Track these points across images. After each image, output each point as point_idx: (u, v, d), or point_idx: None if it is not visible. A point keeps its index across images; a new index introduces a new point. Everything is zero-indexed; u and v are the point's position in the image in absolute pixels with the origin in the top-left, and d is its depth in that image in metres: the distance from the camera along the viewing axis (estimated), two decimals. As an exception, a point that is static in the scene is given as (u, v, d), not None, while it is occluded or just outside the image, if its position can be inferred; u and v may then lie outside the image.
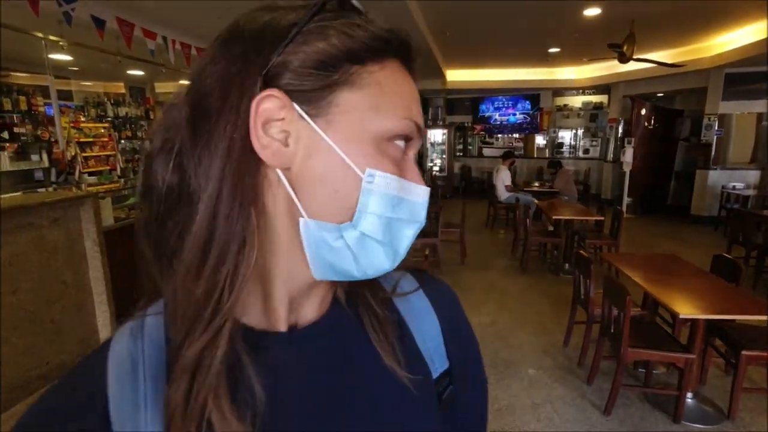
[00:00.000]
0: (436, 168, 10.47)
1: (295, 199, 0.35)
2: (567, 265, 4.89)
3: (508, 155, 6.91)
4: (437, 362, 0.45)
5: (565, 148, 10.69)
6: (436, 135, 10.44)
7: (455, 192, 10.63)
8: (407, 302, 0.46)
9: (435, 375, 0.44)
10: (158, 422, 0.32)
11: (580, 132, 10.47)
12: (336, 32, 0.34)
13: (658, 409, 2.50)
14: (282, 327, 0.38)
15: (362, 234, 0.35)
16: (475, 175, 10.89)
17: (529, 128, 10.71)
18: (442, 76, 9.06)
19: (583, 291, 2.94)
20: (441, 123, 10.66)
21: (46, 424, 0.32)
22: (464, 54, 7.78)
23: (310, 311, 0.40)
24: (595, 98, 10.20)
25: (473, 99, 10.89)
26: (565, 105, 10.56)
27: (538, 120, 10.57)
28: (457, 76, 9.63)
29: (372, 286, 0.43)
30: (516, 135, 10.99)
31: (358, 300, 0.43)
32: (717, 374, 2.83)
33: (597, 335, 2.73)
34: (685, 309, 2.17)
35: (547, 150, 10.71)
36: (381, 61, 0.36)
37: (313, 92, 0.34)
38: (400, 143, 0.37)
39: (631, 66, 6.25)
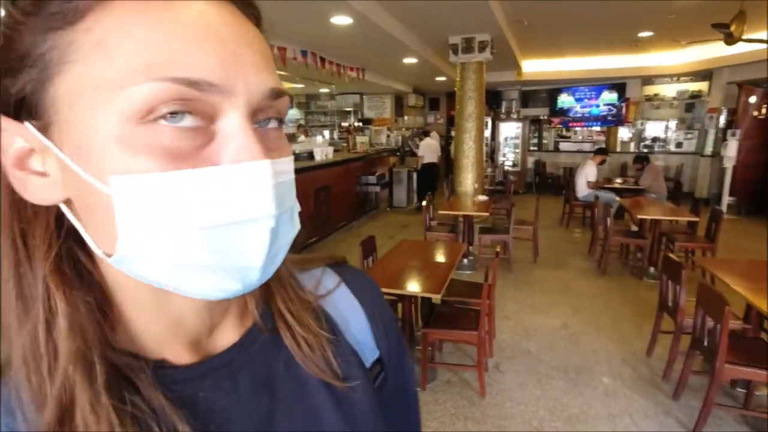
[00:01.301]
0: (508, 163, 10.11)
1: (85, 236, 0.28)
2: (652, 269, 4.48)
3: (600, 151, 6.50)
4: (367, 352, 0.44)
5: (653, 142, 9.78)
6: (509, 129, 10.06)
7: (528, 188, 10.21)
8: (331, 298, 0.43)
9: (368, 365, 0.43)
10: None
11: (672, 124, 9.51)
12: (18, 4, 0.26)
13: (760, 434, 2.22)
14: (198, 356, 0.34)
15: (148, 262, 0.26)
16: (550, 170, 10.35)
17: (615, 120, 9.92)
18: (517, 68, 8.69)
19: (671, 298, 2.68)
20: (515, 116, 10.25)
21: None
22: (542, 43, 7.38)
23: (228, 332, 0.37)
24: (692, 86, 9.19)
25: (550, 90, 10.32)
26: (656, 94, 9.64)
27: (624, 111, 9.76)
28: (533, 66, 9.18)
29: (287, 290, 0.39)
30: (597, 128, 10.25)
31: (274, 313, 0.38)
32: (838, 402, 2.45)
33: (686, 347, 2.48)
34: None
35: (632, 144, 9.88)
36: (104, 6, 0.25)
37: (32, 96, 0.26)
38: (174, 119, 0.25)
39: (738, 48, 5.54)
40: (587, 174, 6.18)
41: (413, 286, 2.42)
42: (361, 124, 10.18)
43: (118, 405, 0.27)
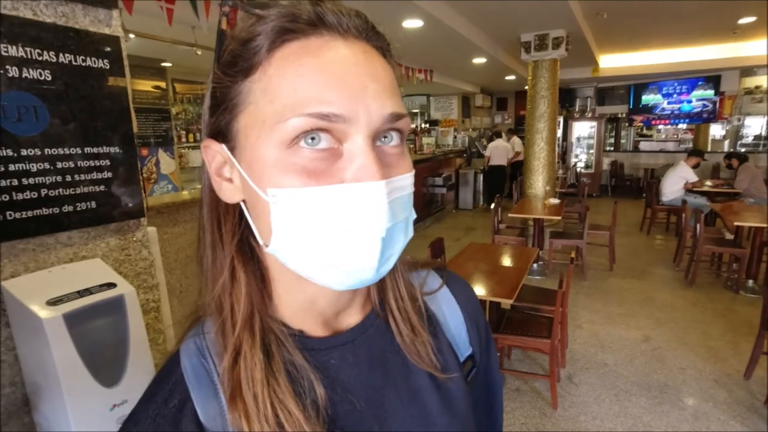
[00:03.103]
0: (581, 164, 9.59)
1: (254, 229, 0.38)
2: (751, 282, 4.04)
3: (695, 153, 5.98)
4: (462, 348, 0.49)
5: (752, 140, 8.78)
6: (583, 128, 9.52)
7: (603, 190, 9.60)
8: (435, 297, 0.50)
9: (461, 359, 0.48)
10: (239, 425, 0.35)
11: (777, 120, 8.48)
12: (219, 62, 0.36)
13: None
14: (327, 331, 0.42)
15: (292, 255, 0.35)
16: (629, 172, 9.66)
17: (708, 117, 9.01)
18: (594, 64, 8.20)
19: (776, 316, 2.41)
20: (589, 115, 9.69)
21: (152, 427, 0.36)
22: (623, 36, 6.91)
23: (352, 316, 0.44)
24: (802, 77, 8.14)
25: (634, 86, 9.61)
26: (757, 87, 8.64)
27: (717, 107, 8.86)
28: (611, 61, 8.61)
29: (399, 286, 0.46)
30: (684, 125, 9.39)
31: (385, 304, 0.45)
32: None
33: (795, 372, 2.22)
34: None
35: (726, 142, 8.94)
36: (269, 58, 0.33)
37: (221, 127, 0.36)
38: (313, 142, 0.32)
39: None
40: (680, 174, 5.69)
41: (482, 291, 2.40)
42: (427, 125, 10.18)
43: (267, 357, 0.37)
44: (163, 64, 5.45)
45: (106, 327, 0.91)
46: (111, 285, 0.95)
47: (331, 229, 0.33)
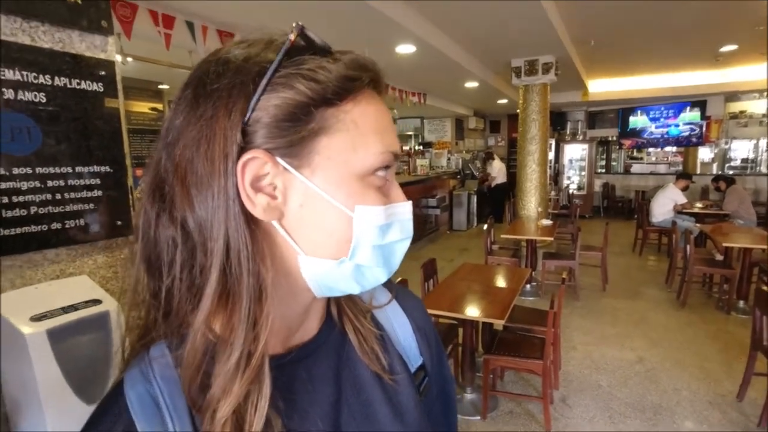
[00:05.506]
0: (573, 186, 9.71)
1: (293, 244, 0.38)
2: (742, 302, 4.07)
3: (683, 176, 6.10)
4: (413, 359, 0.51)
5: (739, 163, 8.96)
6: (574, 151, 9.69)
7: (596, 211, 9.70)
8: (383, 311, 0.52)
9: (412, 369, 0.50)
10: None
11: (762, 143, 8.68)
12: (303, 79, 0.35)
13: None
14: (288, 346, 0.42)
15: (359, 264, 0.39)
16: (620, 193, 9.79)
17: (696, 140, 9.21)
18: (583, 88, 8.42)
19: (766, 336, 2.43)
20: (581, 138, 9.87)
21: None
22: (611, 61, 7.12)
23: (311, 326, 0.45)
24: (786, 102, 8.37)
25: (622, 110, 9.85)
26: (742, 112, 8.89)
27: (704, 131, 9.06)
28: (600, 86, 8.84)
29: (352, 300, 0.48)
30: (673, 149, 9.57)
31: (342, 314, 0.48)
32: None
33: (786, 392, 2.22)
34: None
35: (714, 165, 9.11)
36: (354, 97, 0.37)
37: (293, 144, 0.35)
38: (382, 173, 0.39)
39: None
40: (669, 196, 5.77)
41: (475, 311, 2.40)
42: (421, 147, 10.30)
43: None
44: (161, 87, 5.54)
45: (90, 343, 0.91)
46: (96, 301, 0.95)
47: (390, 239, 0.40)
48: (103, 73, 1.10)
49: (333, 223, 0.37)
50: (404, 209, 0.42)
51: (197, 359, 0.35)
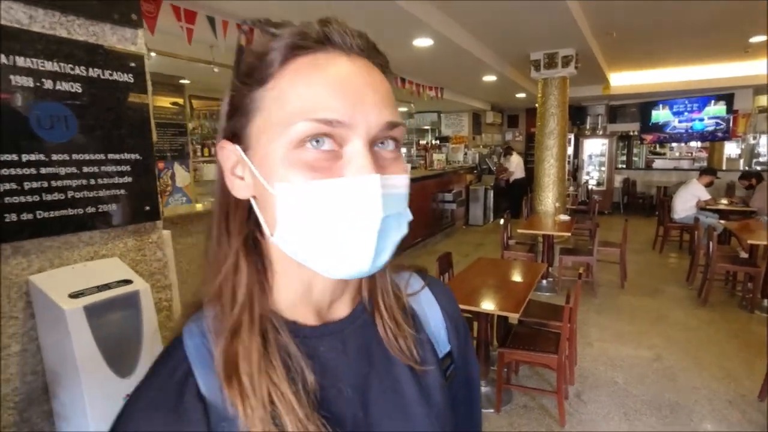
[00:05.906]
0: (592, 182, 9.55)
1: (261, 221, 0.41)
2: (767, 301, 3.97)
3: (707, 172, 5.94)
4: (441, 345, 0.53)
5: (768, 159, 8.68)
6: (594, 146, 9.52)
7: (615, 208, 9.53)
8: (417, 297, 0.54)
9: (440, 355, 0.52)
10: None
11: (793, 139, 8.38)
12: (239, 73, 0.40)
13: None
14: (319, 321, 0.45)
15: (295, 243, 0.39)
16: (641, 189, 9.59)
17: (722, 135, 8.93)
18: (604, 82, 8.25)
19: (789, 334, 2.37)
20: (601, 132, 9.70)
21: (157, 397, 0.39)
22: (633, 54, 6.96)
23: (342, 308, 0.47)
24: (818, 96, 8.06)
25: (643, 104, 9.61)
26: (772, 105, 8.58)
27: (731, 125, 8.78)
28: (621, 79, 8.65)
29: (385, 286, 0.49)
30: (697, 144, 9.30)
31: (374, 298, 0.49)
32: None
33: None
34: None
35: (741, 161, 8.85)
36: (280, 73, 0.38)
37: (236, 131, 0.41)
38: (317, 144, 0.37)
39: None
40: (693, 192, 5.63)
41: (489, 304, 2.41)
42: (438, 141, 10.26)
43: (263, 342, 0.40)
44: (182, 81, 5.64)
45: (122, 320, 0.97)
46: (128, 281, 1.01)
47: (331, 219, 0.37)
48: (133, 64, 1.15)
49: (267, 200, 0.39)
50: (358, 186, 0.37)
51: (215, 321, 0.41)
